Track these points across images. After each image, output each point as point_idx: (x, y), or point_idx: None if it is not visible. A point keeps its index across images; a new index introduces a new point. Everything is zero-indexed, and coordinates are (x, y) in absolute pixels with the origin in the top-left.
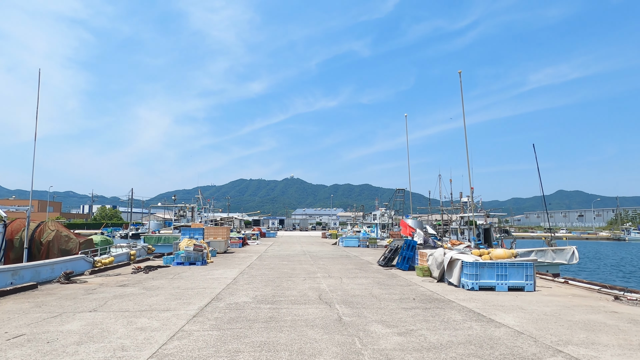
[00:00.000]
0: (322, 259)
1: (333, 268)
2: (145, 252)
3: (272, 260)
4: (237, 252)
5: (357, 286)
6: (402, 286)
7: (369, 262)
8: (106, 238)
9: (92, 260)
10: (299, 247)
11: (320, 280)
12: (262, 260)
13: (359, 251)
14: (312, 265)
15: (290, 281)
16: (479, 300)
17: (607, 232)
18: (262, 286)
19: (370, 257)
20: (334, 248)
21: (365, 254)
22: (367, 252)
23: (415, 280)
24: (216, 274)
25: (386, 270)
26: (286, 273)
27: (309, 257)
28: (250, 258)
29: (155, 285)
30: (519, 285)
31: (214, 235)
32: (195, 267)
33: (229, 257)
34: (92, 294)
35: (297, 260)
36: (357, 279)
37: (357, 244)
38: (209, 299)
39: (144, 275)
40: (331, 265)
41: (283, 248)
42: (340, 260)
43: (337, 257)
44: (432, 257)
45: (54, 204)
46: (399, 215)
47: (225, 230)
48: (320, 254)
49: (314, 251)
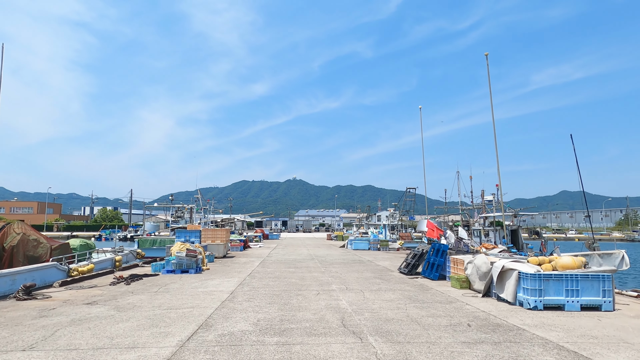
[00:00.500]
0: (333, 265)
1: (349, 277)
2: (133, 257)
3: (277, 267)
4: (238, 257)
5: (386, 303)
6: (441, 303)
7: (387, 269)
8: (87, 242)
9: (67, 268)
10: (305, 251)
11: (338, 295)
12: (266, 266)
13: (371, 255)
14: (324, 273)
15: (300, 296)
16: (557, 326)
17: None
18: (266, 304)
19: (387, 263)
20: (343, 251)
21: (379, 259)
22: (380, 256)
23: (453, 294)
24: (210, 286)
25: (411, 279)
26: (294, 284)
27: (317, 262)
28: (251, 264)
29: (132, 303)
30: (594, 304)
31: (211, 238)
32: (187, 276)
33: (228, 262)
34: (45, 318)
35: (305, 267)
36: (382, 292)
37: (367, 247)
38: (195, 326)
39: (124, 287)
40: (345, 273)
41: (288, 251)
42: (354, 267)
43: (350, 263)
44: (472, 266)
45: (54, 206)
46: (408, 215)
47: (225, 233)
48: (329, 258)
49: (322, 255)
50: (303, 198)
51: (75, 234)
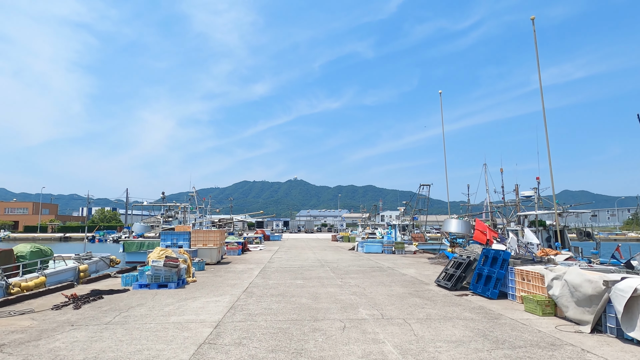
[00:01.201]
0: (350, 275)
1: (376, 293)
2: (105, 265)
3: (281, 278)
4: (234, 263)
5: (455, 349)
6: (541, 348)
7: (419, 280)
8: (40, 248)
9: (4, 284)
10: (311, 254)
11: (374, 329)
12: (267, 277)
13: (389, 260)
14: (342, 287)
15: (318, 332)
16: None
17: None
18: (267, 351)
19: (412, 270)
20: (354, 255)
21: (401, 265)
22: (400, 262)
23: (539, 325)
24: (190, 311)
25: (460, 297)
26: (307, 307)
27: (329, 270)
28: (249, 273)
29: (54, 352)
30: None
31: (203, 241)
32: (164, 293)
33: (221, 271)
34: None
35: (316, 278)
36: (435, 322)
37: (381, 250)
38: None
39: (69, 313)
40: (369, 286)
41: (292, 255)
42: (376, 277)
43: (368, 271)
44: (562, 283)
45: (50, 206)
46: (422, 214)
47: (219, 235)
48: (342, 264)
49: (333, 260)
50: (304, 198)
51: (69, 235)
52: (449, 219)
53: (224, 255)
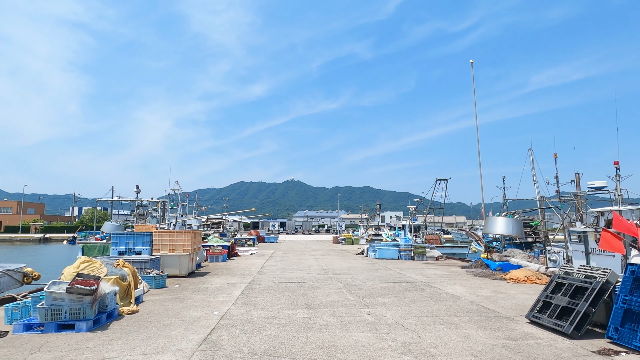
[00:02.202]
0: (377, 298)
1: (446, 348)
2: (15, 282)
3: (273, 304)
4: (213, 274)
5: None
6: None
7: (491, 310)
8: None
9: None
10: (312, 261)
11: None
12: (251, 301)
13: (414, 269)
14: (376, 328)
15: None
16: None
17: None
18: None
19: (461, 289)
20: (366, 263)
21: (436, 278)
22: (431, 272)
23: None
24: None
25: (602, 357)
26: None
27: (342, 288)
28: (227, 293)
29: None
30: None
31: (170, 246)
32: (60, 342)
33: (188, 289)
34: None
35: (326, 304)
36: None
37: (397, 255)
38: None
39: None
40: (422, 327)
41: (289, 263)
42: (419, 303)
43: (399, 289)
44: None
45: (36, 206)
46: (438, 214)
47: (192, 237)
48: (356, 277)
49: (342, 270)
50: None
51: (49, 236)
52: (492, 217)
53: (204, 262)
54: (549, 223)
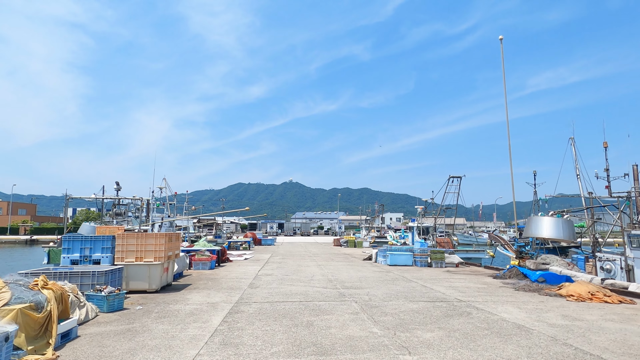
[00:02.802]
0: (412, 328)
1: None
2: None
3: (266, 340)
4: (193, 287)
5: None
6: None
7: (587, 352)
8: None
9: None
10: (315, 269)
11: None
12: (233, 340)
13: (439, 281)
14: None
15: None
16: None
17: None
18: None
19: (517, 312)
20: (378, 270)
21: (478, 295)
22: (461, 284)
23: None
24: None
25: None
26: None
27: (359, 309)
28: (204, 320)
29: None
30: None
31: (137, 253)
32: None
33: (152, 312)
34: None
35: (345, 343)
36: None
37: (412, 261)
38: None
39: None
40: None
41: (288, 271)
42: (481, 341)
43: (439, 314)
44: None
45: (28, 206)
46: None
47: (166, 241)
48: (374, 293)
49: (353, 282)
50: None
51: (36, 237)
52: (536, 217)
53: (187, 270)
54: None
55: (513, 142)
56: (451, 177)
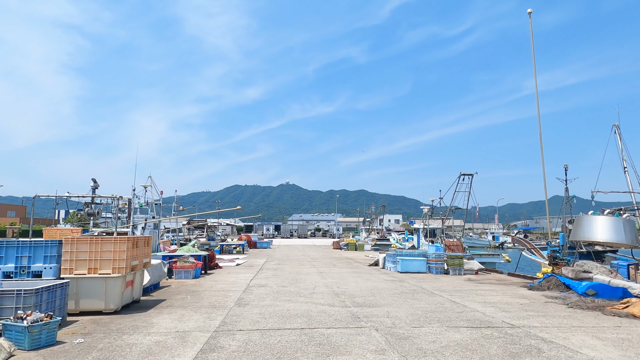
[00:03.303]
0: None
1: None
2: None
3: None
4: (167, 304)
5: None
6: None
7: None
8: None
9: None
10: (317, 277)
11: None
12: None
13: (468, 293)
14: None
15: None
16: None
17: None
18: None
19: (605, 347)
20: (390, 279)
21: (528, 316)
22: (499, 299)
23: None
24: None
25: None
26: None
27: (382, 340)
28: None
29: None
30: None
31: (92, 263)
32: None
33: (94, 349)
34: None
35: None
36: None
37: (425, 268)
38: None
39: None
40: None
41: (285, 280)
42: None
43: (499, 352)
44: None
45: (17, 208)
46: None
47: (129, 247)
48: (394, 311)
49: (363, 295)
50: (296, 202)
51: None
52: (588, 216)
53: (166, 280)
54: None
55: (508, 145)
56: (462, 174)
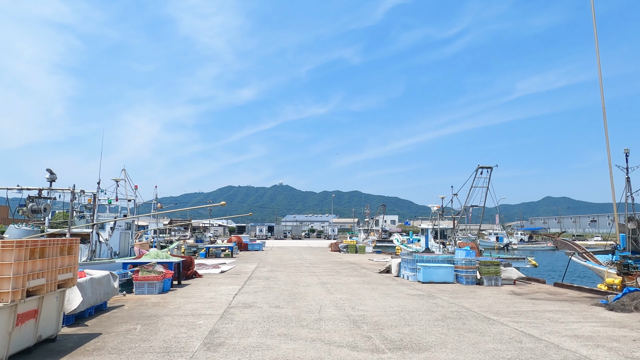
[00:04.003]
0: None
1: None
2: None
3: None
4: (93, 345)
5: None
6: None
7: None
8: None
9: None
10: (319, 290)
11: None
12: None
13: (530, 314)
14: None
15: None
16: None
17: None
18: None
19: None
20: (416, 294)
21: None
22: (597, 333)
23: None
24: None
25: None
26: None
27: None
28: None
29: None
30: None
31: None
32: None
33: None
34: None
35: None
36: None
37: (453, 277)
38: None
39: None
40: None
41: (279, 297)
42: None
43: None
44: None
45: None
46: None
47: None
48: (454, 357)
49: (392, 323)
50: (290, 204)
51: None
52: None
53: (118, 297)
54: None
55: (500, 146)
56: (480, 167)
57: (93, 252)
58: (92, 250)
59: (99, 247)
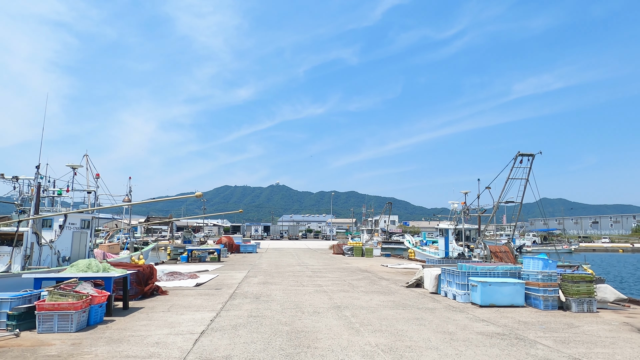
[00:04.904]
0: None
1: None
2: None
3: None
4: None
5: None
6: None
7: None
8: None
9: None
10: (337, 324)
11: None
12: None
13: None
14: None
15: None
16: None
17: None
18: None
19: None
20: (485, 332)
21: None
22: None
23: None
24: None
25: None
26: None
27: None
28: None
29: None
30: None
31: None
32: None
33: None
34: None
35: None
36: None
37: (522, 299)
38: None
39: None
40: None
41: (272, 340)
42: None
43: None
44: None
45: None
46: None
47: None
48: None
49: None
50: (286, 204)
51: None
52: None
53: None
54: None
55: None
56: (520, 154)
57: (28, 258)
58: (27, 255)
59: (40, 250)
